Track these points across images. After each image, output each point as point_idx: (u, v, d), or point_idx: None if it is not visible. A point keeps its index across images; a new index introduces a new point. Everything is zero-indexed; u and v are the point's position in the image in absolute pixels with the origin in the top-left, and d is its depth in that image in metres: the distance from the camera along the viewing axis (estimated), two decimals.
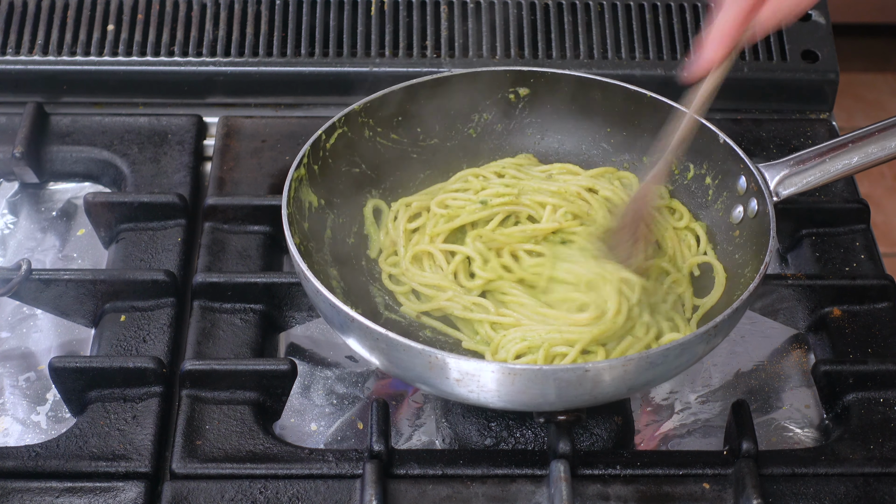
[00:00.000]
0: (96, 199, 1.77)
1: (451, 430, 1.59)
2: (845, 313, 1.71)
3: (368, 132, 1.74)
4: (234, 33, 2.00)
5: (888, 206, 3.37)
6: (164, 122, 1.93)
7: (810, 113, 2.01)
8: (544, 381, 1.44)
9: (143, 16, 2.01)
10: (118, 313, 1.68)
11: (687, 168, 1.74)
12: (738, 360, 1.72)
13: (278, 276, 1.69)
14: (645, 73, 1.98)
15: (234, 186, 1.84)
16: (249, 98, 1.99)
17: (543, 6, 2.02)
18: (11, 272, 1.66)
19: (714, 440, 1.62)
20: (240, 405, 1.58)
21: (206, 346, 1.64)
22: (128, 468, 1.52)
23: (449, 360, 1.44)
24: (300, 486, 1.51)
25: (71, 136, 1.91)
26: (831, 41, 2.02)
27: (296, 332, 1.73)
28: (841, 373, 1.62)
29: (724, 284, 1.64)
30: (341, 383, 1.67)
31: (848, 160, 1.64)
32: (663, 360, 1.46)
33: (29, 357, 1.70)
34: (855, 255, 1.78)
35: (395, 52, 2.00)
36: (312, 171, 1.68)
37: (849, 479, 1.53)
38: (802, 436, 1.64)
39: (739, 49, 1.57)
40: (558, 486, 1.46)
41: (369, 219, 1.73)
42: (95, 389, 1.59)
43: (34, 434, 1.62)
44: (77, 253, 1.83)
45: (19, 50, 1.98)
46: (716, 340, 1.51)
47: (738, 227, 1.67)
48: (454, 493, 1.50)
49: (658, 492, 1.50)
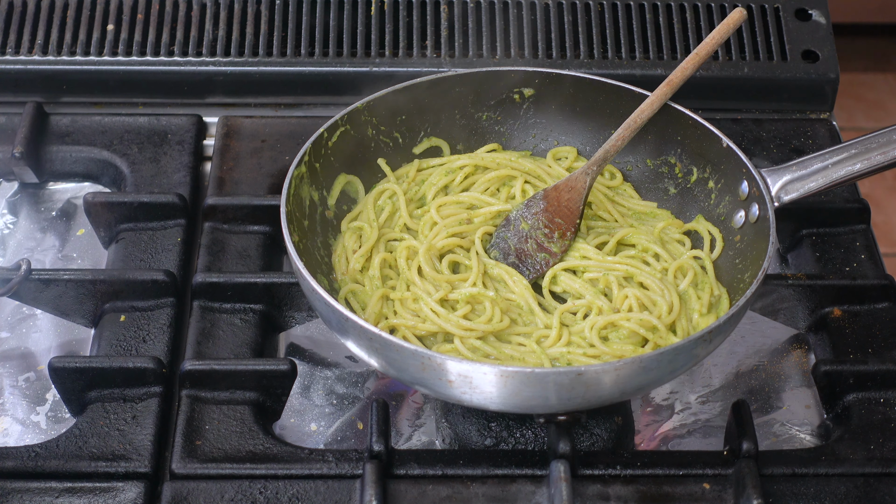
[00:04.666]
0: (96, 199, 1.77)
1: (451, 430, 1.59)
2: (845, 313, 1.71)
3: (371, 130, 1.74)
4: (234, 33, 2.00)
5: (888, 206, 3.37)
6: (163, 122, 1.93)
7: (810, 113, 2.01)
8: (537, 383, 1.44)
9: (143, 16, 2.01)
10: (118, 313, 1.68)
11: (690, 171, 1.74)
12: (738, 360, 1.72)
13: (278, 276, 1.69)
14: (645, 72, 1.98)
15: (233, 186, 1.84)
16: (249, 98, 1.99)
17: (543, 6, 2.02)
18: (11, 272, 1.66)
19: (714, 440, 1.62)
20: (240, 405, 1.58)
21: (206, 346, 1.64)
22: (128, 468, 1.52)
23: (442, 361, 1.44)
24: (300, 486, 1.51)
25: (71, 135, 1.91)
26: (831, 41, 2.02)
27: (296, 332, 1.73)
28: (841, 373, 1.62)
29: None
30: (341, 383, 1.67)
31: (851, 166, 1.64)
32: (657, 364, 1.46)
33: (29, 357, 1.70)
34: (855, 255, 1.78)
35: (395, 52, 2.00)
36: (313, 168, 1.68)
37: (849, 480, 1.53)
38: (802, 436, 1.63)
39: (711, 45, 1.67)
40: (558, 487, 1.46)
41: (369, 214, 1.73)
42: (95, 389, 1.59)
43: (34, 434, 1.62)
44: (77, 253, 1.83)
45: (19, 50, 1.98)
46: (710, 347, 1.51)
47: (739, 232, 1.67)
48: (454, 493, 1.50)
49: (658, 492, 1.50)
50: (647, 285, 1.63)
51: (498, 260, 1.67)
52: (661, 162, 1.76)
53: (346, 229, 1.70)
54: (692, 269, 1.65)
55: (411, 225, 1.70)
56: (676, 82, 1.70)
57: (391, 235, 1.69)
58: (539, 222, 1.68)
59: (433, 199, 1.73)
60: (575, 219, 1.68)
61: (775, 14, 2.04)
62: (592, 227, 1.71)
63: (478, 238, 1.67)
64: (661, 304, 1.60)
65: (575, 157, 1.79)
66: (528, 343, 1.58)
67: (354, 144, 1.73)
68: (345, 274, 1.65)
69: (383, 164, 1.75)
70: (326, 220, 1.70)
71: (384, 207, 1.72)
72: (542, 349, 1.57)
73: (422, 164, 1.77)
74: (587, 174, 1.68)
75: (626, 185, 1.78)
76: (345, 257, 1.67)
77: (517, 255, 1.67)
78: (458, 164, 1.76)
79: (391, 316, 1.61)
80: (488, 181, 1.75)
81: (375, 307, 1.60)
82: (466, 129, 1.80)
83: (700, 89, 1.95)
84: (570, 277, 1.65)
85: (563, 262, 1.67)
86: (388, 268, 1.66)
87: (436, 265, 1.65)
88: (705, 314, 1.61)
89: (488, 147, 1.79)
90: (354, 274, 1.65)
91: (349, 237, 1.69)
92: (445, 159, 1.77)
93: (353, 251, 1.67)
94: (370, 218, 1.70)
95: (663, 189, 1.76)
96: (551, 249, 1.67)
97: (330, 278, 1.65)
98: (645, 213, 1.75)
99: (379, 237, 1.68)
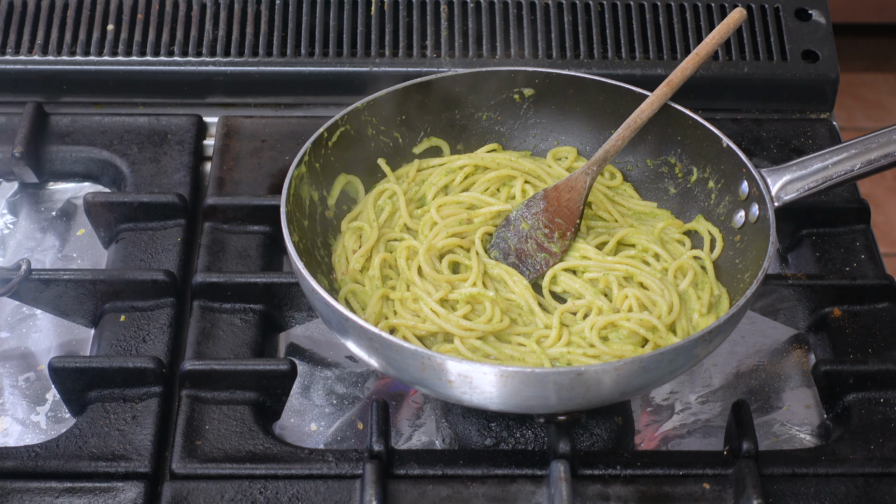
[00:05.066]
0: (96, 199, 1.77)
1: (451, 430, 1.59)
2: (845, 313, 1.71)
3: (371, 130, 1.74)
4: (234, 33, 2.00)
5: (888, 206, 3.37)
6: (163, 122, 1.93)
7: (810, 113, 2.01)
8: (537, 383, 1.44)
9: (143, 16, 2.01)
10: (118, 313, 1.68)
11: (690, 171, 1.74)
12: (738, 360, 1.72)
13: (278, 276, 1.69)
14: (645, 72, 1.98)
15: (233, 186, 1.84)
16: (249, 98, 1.99)
17: (543, 6, 2.02)
18: (11, 272, 1.66)
19: (714, 440, 1.62)
20: (240, 405, 1.58)
21: (206, 346, 1.64)
22: (128, 468, 1.52)
23: (442, 361, 1.44)
24: (300, 486, 1.51)
25: (70, 135, 1.91)
26: (831, 41, 2.02)
27: (296, 332, 1.73)
28: (841, 373, 1.62)
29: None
30: (341, 383, 1.67)
31: (850, 166, 1.64)
32: (657, 364, 1.46)
33: (29, 357, 1.70)
34: (855, 255, 1.78)
35: (395, 52, 2.00)
36: (313, 168, 1.68)
37: (849, 480, 1.53)
38: (802, 436, 1.63)
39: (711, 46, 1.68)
40: (558, 487, 1.46)
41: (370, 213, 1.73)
42: (95, 389, 1.59)
43: (34, 434, 1.62)
44: (77, 253, 1.83)
45: (19, 50, 1.98)
46: (710, 347, 1.50)
47: (739, 232, 1.67)
48: (454, 493, 1.50)
49: (658, 492, 1.50)
50: (647, 285, 1.63)
51: (498, 260, 1.67)
52: (661, 162, 1.76)
53: (346, 229, 1.70)
54: (692, 269, 1.65)
55: (411, 225, 1.70)
56: (676, 82, 1.70)
57: (391, 235, 1.69)
58: (539, 222, 1.68)
59: (433, 199, 1.73)
60: (575, 219, 1.68)
61: (775, 14, 2.04)
62: (592, 227, 1.71)
63: (478, 238, 1.67)
64: (661, 304, 1.60)
65: (575, 157, 1.79)
66: (528, 343, 1.58)
67: (354, 144, 1.72)
68: (345, 274, 1.65)
69: (383, 164, 1.75)
70: (326, 220, 1.70)
71: (384, 207, 1.72)
72: (542, 349, 1.57)
73: (422, 164, 1.77)
74: (587, 174, 1.68)
75: (626, 185, 1.78)
76: (345, 257, 1.67)
77: (517, 255, 1.67)
78: (458, 164, 1.76)
79: (391, 316, 1.61)
80: (488, 181, 1.75)
81: (375, 307, 1.60)
82: (466, 129, 1.80)
83: (700, 89, 1.95)
84: (570, 277, 1.65)
85: (563, 262, 1.67)
86: (388, 268, 1.66)
87: (436, 265, 1.65)
88: (705, 314, 1.61)
89: (488, 147, 1.80)
90: (354, 274, 1.65)
91: (349, 237, 1.69)
92: (445, 159, 1.77)
93: (353, 251, 1.67)
94: (370, 218, 1.70)
95: (663, 189, 1.76)
96: (551, 249, 1.67)
97: (330, 278, 1.65)
98: (645, 213, 1.75)
99: (379, 237, 1.68)
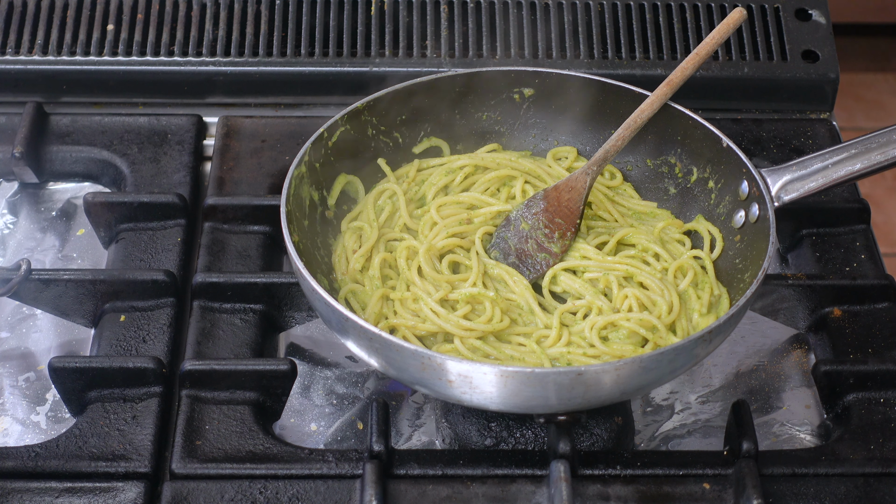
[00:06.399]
0: (96, 199, 1.77)
1: (451, 430, 1.59)
2: (845, 313, 1.71)
3: (371, 130, 1.74)
4: (234, 33, 2.00)
5: (888, 206, 3.37)
6: (163, 121, 1.93)
7: (810, 113, 2.01)
8: (537, 383, 1.44)
9: (143, 16, 2.01)
10: (118, 313, 1.68)
11: (690, 171, 1.74)
12: (738, 360, 1.72)
13: (278, 276, 1.69)
14: (645, 72, 1.98)
15: (233, 186, 1.84)
16: (249, 98, 1.99)
17: (543, 6, 2.02)
18: (11, 272, 1.66)
19: (714, 440, 1.62)
20: (240, 405, 1.58)
21: (206, 346, 1.64)
22: (127, 468, 1.52)
23: (442, 361, 1.44)
24: (300, 486, 1.51)
25: (70, 135, 1.91)
26: (831, 41, 2.02)
27: (296, 332, 1.73)
28: (841, 373, 1.62)
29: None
30: (341, 383, 1.67)
31: (851, 166, 1.64)
32: (657, 364, 1.46)
33: (29, 357, 1.70)
34: (855, 255, 1.78)
35: (395, 52, 2.00)
36: (313, 168, 1.68)
37: (849, 480, 1.53)
38: (802, 436, 1.63)
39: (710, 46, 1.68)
40: (558, 487, 1.46)
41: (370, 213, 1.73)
42: (95, 389, 1.59)
43: (34, 434, 1.62)
44: (77, 253, 1.83)
45: (19, 50, 1.98)
46: (710, 347, 1.50)
47: (739, 232, 1.67)
48: (454, 493, 1.50)
49: (658, 492, 1.50)
50: (647, 285, 1.63)
51: (498, 260, 1.67)
52: (661, 162, 1.76)
53: (346, 229, 1.70)
54: (692, 268, 1.65)
55: (411, 225, 1.70)
56: (676, 82, 1.70)
57: (391, 235, 1.69)
58: (539, 222, 1.68)
59: (433, 199, 1.73)
60: (575, 219, 1.68)
61: (775, 14, 2.04)
62: (592, 227, 1.71)
63: (478, 238, 1.67)
64: (661, 304, 1.60)
65: (575, 157, 1.79)
66: (528, 343, 1.58)
67: (354, 144, 1.73)
68: (345, 274, 1.65)
69: (383, 164, 1.75)
70: (326, 220, 1.70)
71: (384, 207, 1.72)
72: (542, 349, 1.57)
73: (422, 164, 1.77)
74: (587, 174, 1.68)
75: (626, 185, 1.78)
76: (345, 257, 1.67)
77: (517, 255, 1.67)
78: (458, 164, 1.76)
79: (391, 316, 1.61)
80: (488, 181, 1.75)
81: (375, 307, 1.60)
82: (466, 129, 1.79)
83: (700, 89, 1.95)
84: (570, 277, 1.65)
85: (564, 262, 1.67)
86: (388, 268, 1.66)
87: (436, 265, 1.65)
88: (705, 314, 1.61)
89: (488, 147, 1.80)
90: (354, 274, 1.65)
91: (349, 237, 1.69)
92: (445, 159, 1.77)
93: (353, 251, 1.67)
94: (370, 218, 1.70)
95: (663, 189, 1.76)
96: (551, 249, 1.67)
97: (330, 278, 1.65)
98: (645, 213, 1.75)
99: (379, 237, 1.68)
